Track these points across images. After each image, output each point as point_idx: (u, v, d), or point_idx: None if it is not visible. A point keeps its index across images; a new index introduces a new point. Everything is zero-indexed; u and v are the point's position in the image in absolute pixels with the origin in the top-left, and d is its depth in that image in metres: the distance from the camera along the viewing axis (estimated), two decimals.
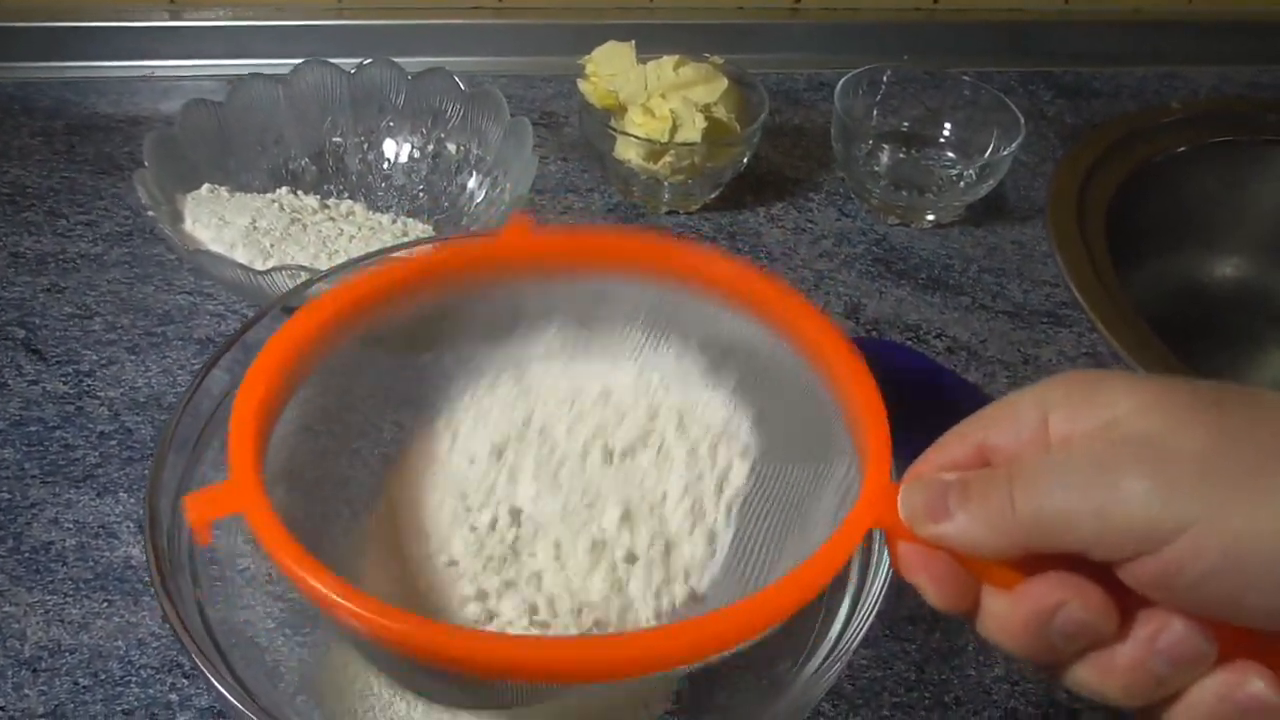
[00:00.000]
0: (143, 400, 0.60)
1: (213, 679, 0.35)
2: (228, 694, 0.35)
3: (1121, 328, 0.70)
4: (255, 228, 0.63)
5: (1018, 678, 0.51)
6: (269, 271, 0.56)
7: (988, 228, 0.78)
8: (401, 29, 0.86)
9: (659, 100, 0.71)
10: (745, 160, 0.75)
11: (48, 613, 0.50)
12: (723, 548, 0.37)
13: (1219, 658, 0.27)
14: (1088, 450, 0.27)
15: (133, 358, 0.62)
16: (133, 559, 0.53)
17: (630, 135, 0.71)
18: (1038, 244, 0.77)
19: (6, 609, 0.50)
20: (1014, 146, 0.74)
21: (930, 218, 0.77)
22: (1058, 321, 0.71)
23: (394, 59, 0.71)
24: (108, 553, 0.53)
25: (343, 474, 0.39)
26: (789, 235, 0.75)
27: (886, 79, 0.81)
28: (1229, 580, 0.25)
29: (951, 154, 0.81)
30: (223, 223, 0.62)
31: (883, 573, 0.38)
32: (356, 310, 0.37)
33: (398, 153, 0.73)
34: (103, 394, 0.60)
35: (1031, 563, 0.28)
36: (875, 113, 0.82)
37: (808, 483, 0.36)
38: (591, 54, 0.74)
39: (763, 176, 0.80)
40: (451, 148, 0.72)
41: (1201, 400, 0.27)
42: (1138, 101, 0.92)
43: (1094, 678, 0.28)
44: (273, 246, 0.62)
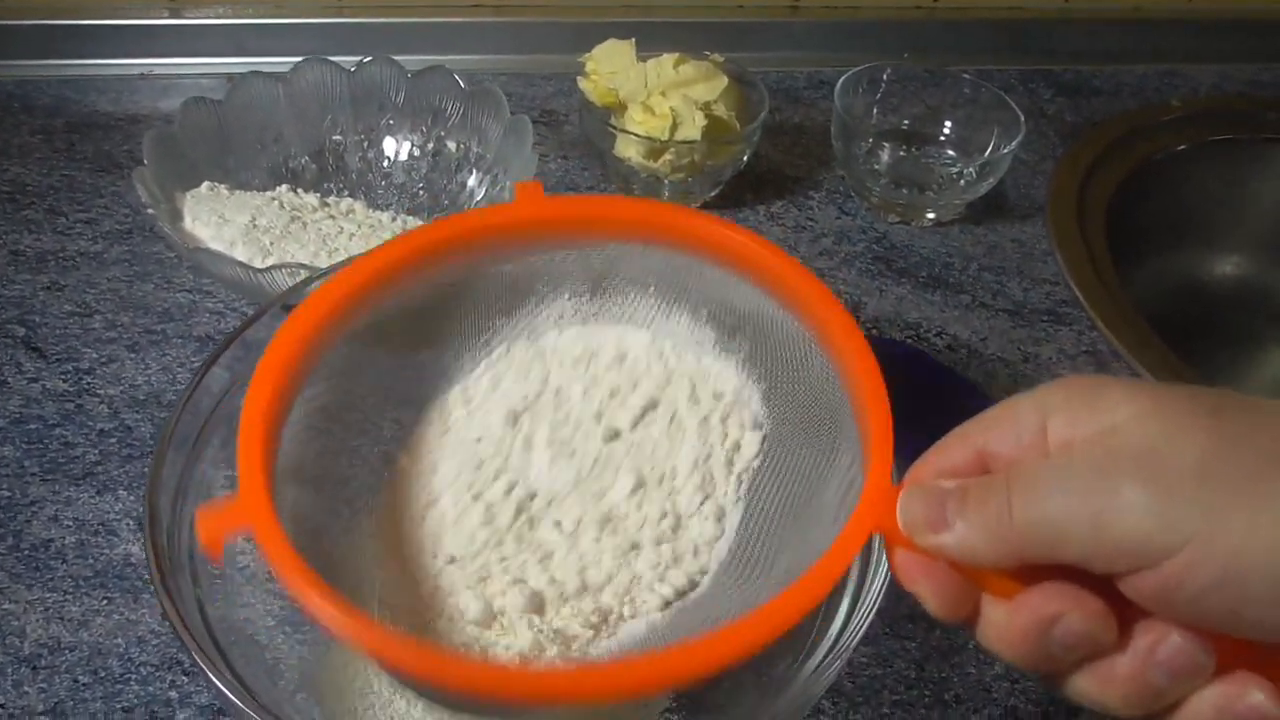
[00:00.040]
0: (142, 398, 0.60)
1: (212, 676, 0.35)
2: (227, 691, 0.35)
3: (1121, 326, 0.70)
4: (255, 226, 0.63)
5: (1018, 675, 0.51)
6: (268, 269, 0.56)
7: (988, 226, 0.78)
8: (401, 27, 0.86)
9: (659, 98, 0.71)
10: (745, 158, 0.75)
11: (47, 610, 0.50)
12: (731, 528, 0.37)
13: (1218, 669, 0.27)
14: (1087, 457, 0.27)
15: (132, 355, 0.62)
16: (132, 556, 0.53)
17: (630, 133, 0.71)
18: (1038, 242, 0.77)
19: (6, 606, 0.50)
20: (1014, 145, 0.74)
21: (930, 216, 0.77)
22: (1058, 320, 0.71)
23: (394, 57, 0.71)
24: (107, 550, 0.53)
25: (351, 450, 0.39)
26: (789, 233, 0.75)
27: (886, 77, 0.81)
28: (1228, 594, 0.25)
29: (952, 152, 0.81)
30: (222, 221, 0.62)
31: (882, 571, 0.38)
32: (367, 288, 0.36)
33: (398, 151, 0.73)
34: (102, 392, 0.60)
35: (1031, 572, 0.28)
36: (875, 111, 0.82)
37: (813, 468, 0.36)
38: (592, 52, 0.74)
39: (763, 175, 0.80)
40: (451, 146, 0.72)
41: (1200, 407, 0.27)
42: (1138, 99, 0.92)
43: (1093, 688, 0.28)
44: (272, 244, 0.62)
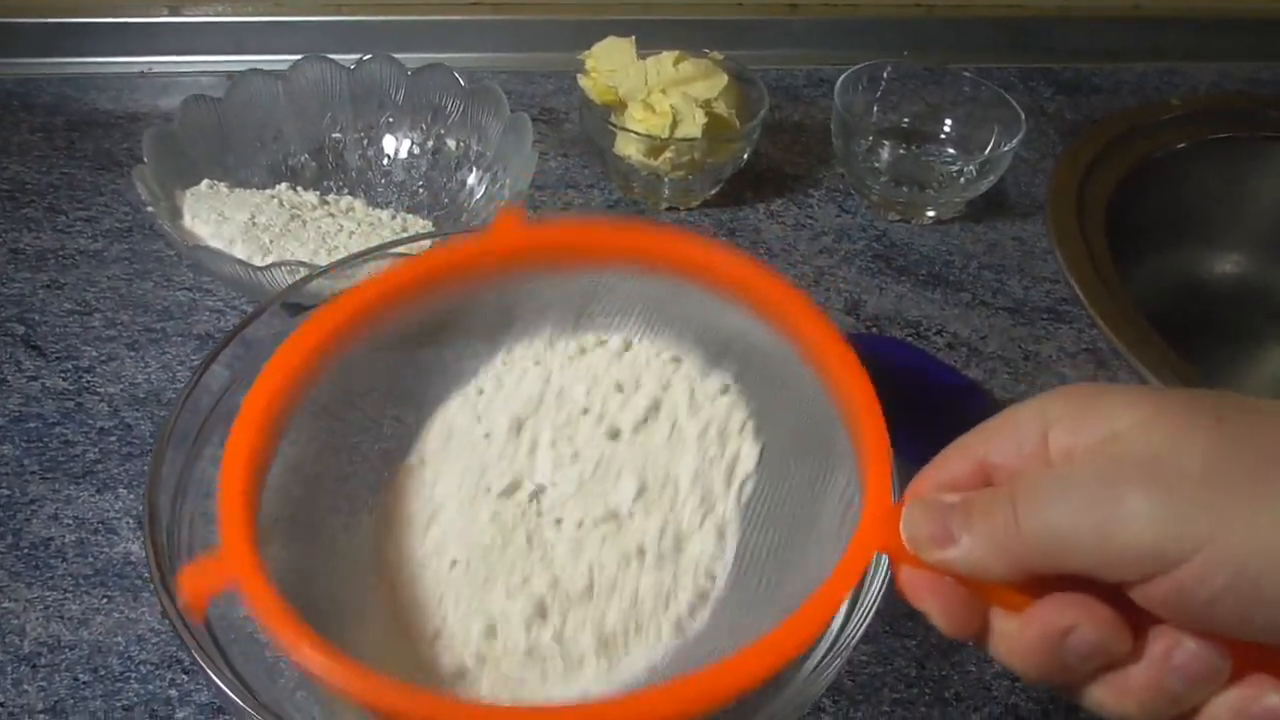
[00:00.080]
0: (142, 396, 0.60)
1: (212, 675, 0.35)
2: (227, 689, 0.35)
3: (1121, 324, 0.70)
4: (254, 224, 0.63)
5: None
6: (268, 267, 0.56)
7: (988, 224, 0.78)
8: (401, 25, 0.86)
9: (659, 96, 0.71)
10: (745, 156, 0.75)
11: (47, 609, 0.50)
12: (730, 548, 0.37)
13: (1233, 673, 0.27)
14: (1090, 465, 0.27)
15: (132, 354, 0.62)
16: (132, 555, 0.53)
17: (630, 131, 0.71)
18: (1038, 240, 0.77)
19: (6, 605, 0.50)
20: (1014, 143, 0.74)
21: (930, 214, 0.77)
22: (1058, 317, 0.71)
23: (394, 55, 0.71)
24: (107, 549, 0.53)
25: (344, 466, 0.39)
26: (789, 231, 0.75)
27: (886, 75, 0.81)
28: (1240, 598, 0.25)
29: (952, 150, 0.81)
30: (222, 218, 0.62)
31: (883, 570, 0.38)
32: (344, 331, 0.36)
33: (397, 149, 0.73)
34: (102, 390, 0.60)
35: (1040, 584, 0.28)
36: (875, 109, 0.82)
37: (810, 488, 0.36)
38: (591, 50, 0.74)
39: (763, 173, 0.80)
40: (451, 144, 0.72)
41: (1201, 411, 0.27)
42: (1138, 98, 0.92)
43: (1109, 698, 0.28)
44: (272, 242, 0.62)
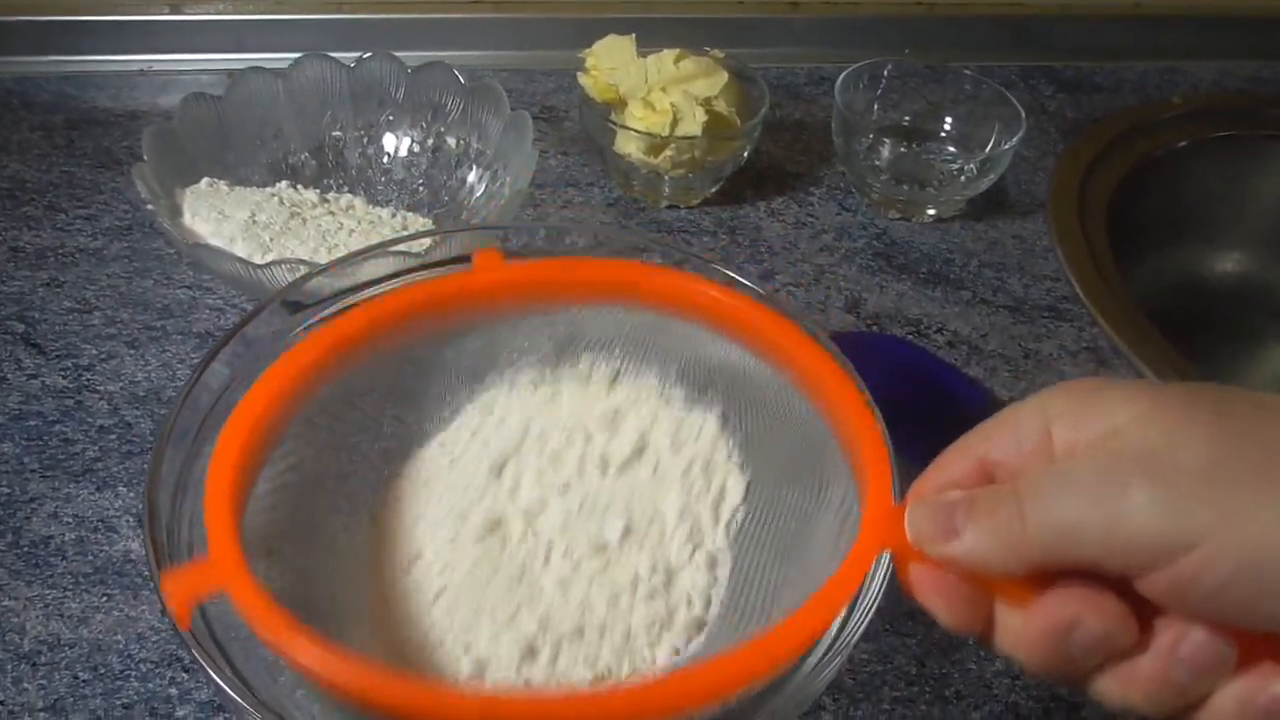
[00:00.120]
0: (142, 394, 0.60)
1: (212, 673, 0.35)
2: (227, 688, 0.35)
3: (1122, 322, 0.70)
4: (254, 222, 0.62)
5: (1019, 672, 0.51)
6: (268, 265, 0.56)
7: (989, 222, 0.78)
8: (401, 23, 0.86)
9: (659, 94, 0.71)
10: (746, 154, 0.75)
11: (47, 607, 0.50)
12: (724, 576, 0.37)
13: (1239, 663, 0.27)
14: (1092, 460, 0.27)
15: (132, 352, 0.62)
16: (132, 553, 0.53)
17: (631, 129, 0.71)
18: (1038, 238, 0.77)
19: (6, 603, 0.50)
20: (1015, 141, 0.74)
21: (931, 212, 0.77)
22: (1058, 316, 0.71)
23: (394, 53, 0.71)
24: (107, 547, 0.53)
25: (329, 508, 0.39)
26: (789, 229, 0.75)
27: (887, 73, 0.81)
28: (1245, 588, 0.25)
29: (952, 148, 0.81)
30: (222, 217, 0.62)
31: (883, 569, 0.38)
32: (329, 360, 0.36)
33: (397, 147, 0.73)
34: (102, 388, 0.60)
35: (1045, 577, 0.28)
36: (876, 107, 0.81)
37: (804, 507, 0.36)
38: (592, 48, 0.74)
39: (763, 171, 0.79)
40: (451, 142, 0.72)
41: (1201, 405, 0.27)
42: (1139, 96, 0.92)
43: (1116, 689, 0.28)
44: (272, 240, 0.62)
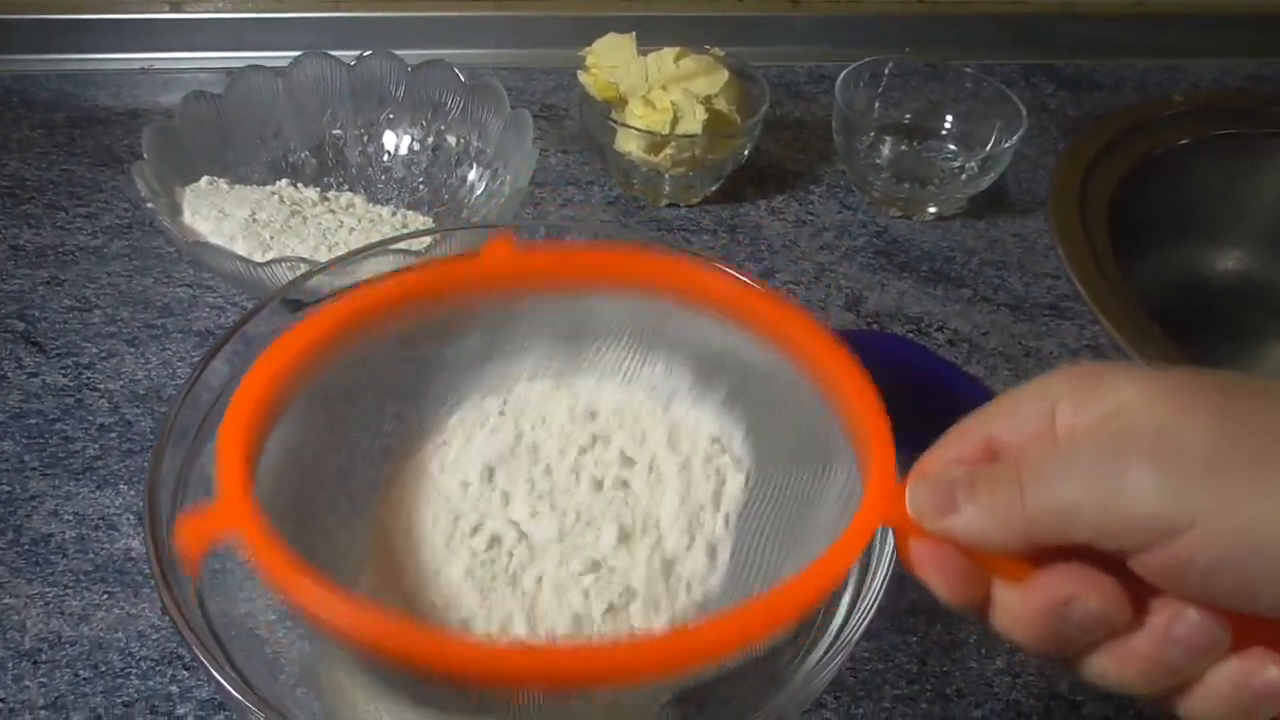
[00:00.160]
0: (142, 393, 0.60)
1: (213, 671, 0.35)
2: (228, 685, 0.35)
3: (1123, 320, 0.69)
4: (255, 220, 0.62)
5: (1019, 670, 0.51)
6: (268, 264, 0.56)
7: (989, 220, 0.78)
8: (401, 21, 0.86)
9: (660, 92, 0.71)
10: (746, 153, 0.75)
11: (48, 605, 0.50)
12: (723, 561, 0.37)
13: (1233, 645, 0.27)
14: (1094, 442, 0.27)
15: (132, 350, 0.62)
16: (132, 551, 0.53)
17: (631, 127, 0.71)
18: (1039, 236, 0.77)
19: (6, 601, 0.50)
20: (1016, 139, 0.74)
21: (932, 210, 0.77)
22: (1059, 314, 0.71)
23: (394, 51, 0.71)
24: (107, 545, 0.53)
25: (329, 508, 0.39)
26: (790, 228, 0.75)
27: (888, 71, 0.81)
28: (1240, 570, 0.25)
29: (953, 146, 0.81)
30: (222, 215, 0.62)
31: (885, 566, 0.38)
32: (340, 333, 0.36)
33: (398, 145, 0.73)
34: (102, 386, 0.60)
35: (1042, 555, 0.28)
36: (877, 105, 0.81)
37: (807, 490, 0.36)
38: (592, 46, 0.74)
39: (764, 169, 0.79)
40: (452, 140, 0.72)
41: (1205, 388, 0.27)
42: (1139, 94, 0.92)
43: (1110, 667, 0.28)
44: (272, 239, 0.62)
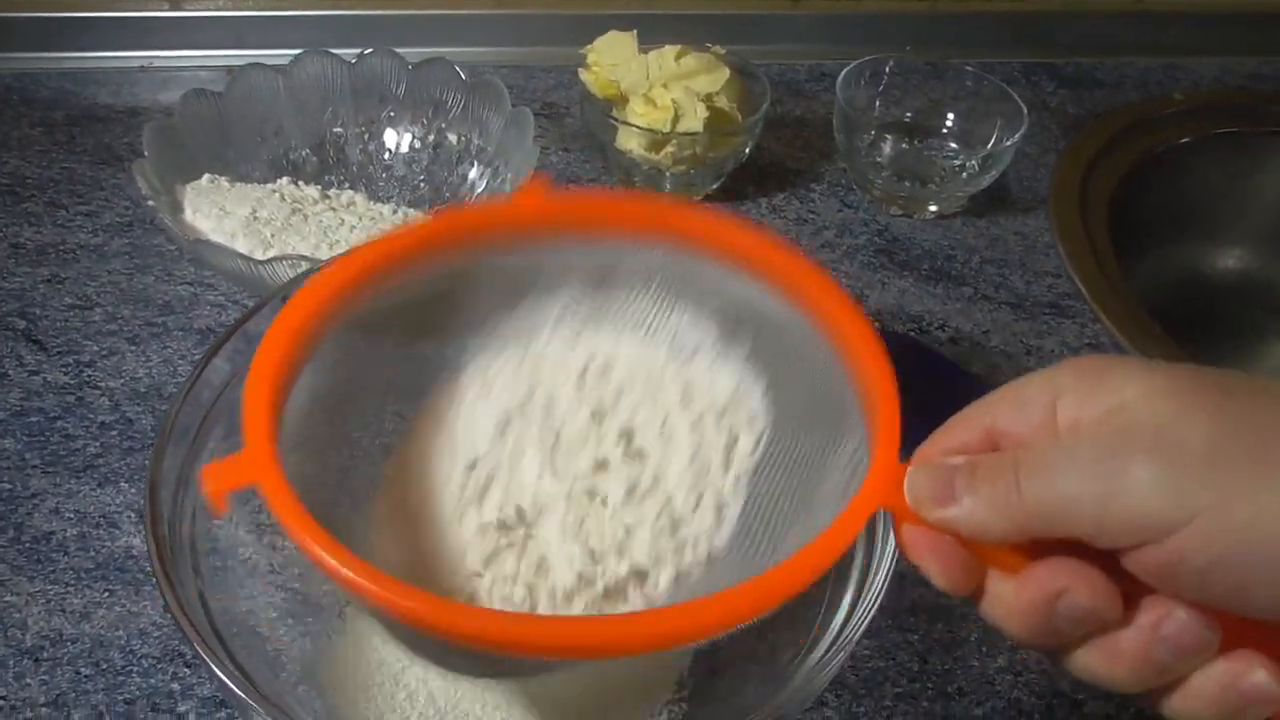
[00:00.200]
0: (143, 390, 0.60)
1: (215, 668, 0.35)
2: (230, 683, 0.35)
3: (1124, 319, 0.69)
4: (256, 218, 0.62)
5: (1021, 668, 0.51)
6: (269, 261, 0.56)
7: (990, 219, 0.78)
8: (402, 18, 0.86)
9: (661, 90, 0.71)
10: (747, 151, 0.75)
11: (49, 602, 0.50)
12: (731, 518, 0.37)
13: (1222, 647, 0.27)
14: (1095, 436, 0.27)
15: (133, 348, 0.62)
16: (134, 549, 0.53)
17: (632, 125, 0.71)
18: (1040, 235, 0.77)
19: (8, 599, 0.50)
20: (1016, 137, 0.74)
21: (933, 208, 0.77)
22: (1060, 312, 0.71)
23: (395, 49, 0.71)
24: (109, 542, 0.53)
25: (351, 450, 0.39)
26: (791, 226, 0.75)
27: (889, 70, 0.80)
28: (1233, 571, 0.25)
29: (954, 145, 0.80)
30: (223, 213, 0.62)
31: (886, 564, 0.38)
32: (368, 278, 0.36)
33: (399, 143, 0.72)
34: (103, 384, 0.60)
35: (1037, 547, 0.28)
36: (877, 103, 0.81)
37: (818, 455, 0.36)
38: (593, 44, 0.74)
39: (764, 167, 0.79)
40: (452, 138, 0.72)
41: (1206, 386, 0.27)
42: (1140, 92, 0.92)
43: (1098, 663, 0.28)
44: (273, 237, 0.62)
